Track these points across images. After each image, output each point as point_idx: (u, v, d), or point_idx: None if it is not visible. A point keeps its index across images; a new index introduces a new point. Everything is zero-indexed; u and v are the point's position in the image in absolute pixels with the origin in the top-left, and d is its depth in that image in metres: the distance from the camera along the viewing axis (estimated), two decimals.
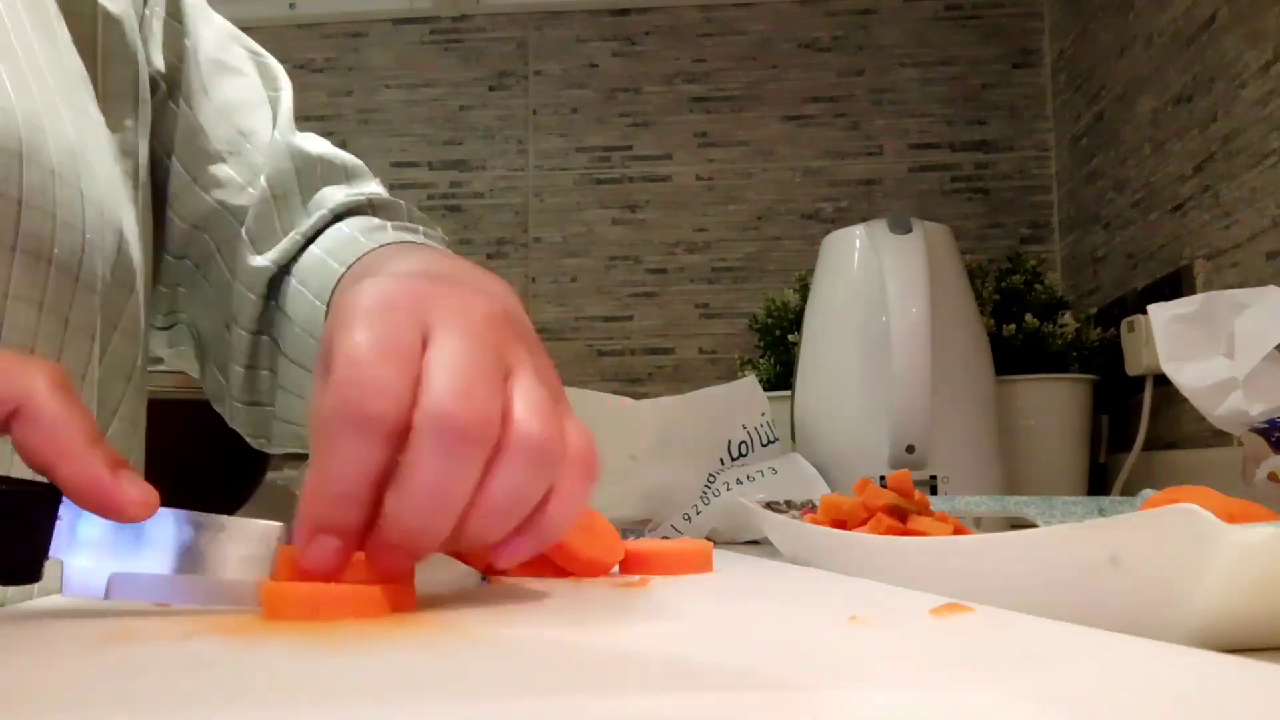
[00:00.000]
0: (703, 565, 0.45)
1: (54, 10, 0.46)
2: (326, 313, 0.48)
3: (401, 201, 0.60)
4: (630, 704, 0.19)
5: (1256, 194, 0.96)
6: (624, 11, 1.58)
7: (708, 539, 0.85)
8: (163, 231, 0.53)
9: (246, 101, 0.56)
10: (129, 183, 0.49)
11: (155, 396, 0.58)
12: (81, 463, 0.29)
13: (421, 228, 0.57)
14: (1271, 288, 0.64)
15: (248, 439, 0.59)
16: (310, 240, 0.54)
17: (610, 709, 0.19)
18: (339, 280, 0.48)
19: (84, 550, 0.30)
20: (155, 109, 0.52)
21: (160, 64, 0.53)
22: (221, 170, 0.54)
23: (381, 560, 0.30)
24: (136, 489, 0.29)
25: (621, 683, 0.21)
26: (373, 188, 0.60)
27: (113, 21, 0.49)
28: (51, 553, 0.29)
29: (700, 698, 0.19)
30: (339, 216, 0.55)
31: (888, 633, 0.27)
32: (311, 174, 0.56)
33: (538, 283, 1.56)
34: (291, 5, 1.60)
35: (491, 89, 1.59)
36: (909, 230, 0.94)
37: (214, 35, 0.57)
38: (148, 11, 0.53)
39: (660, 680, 0.21)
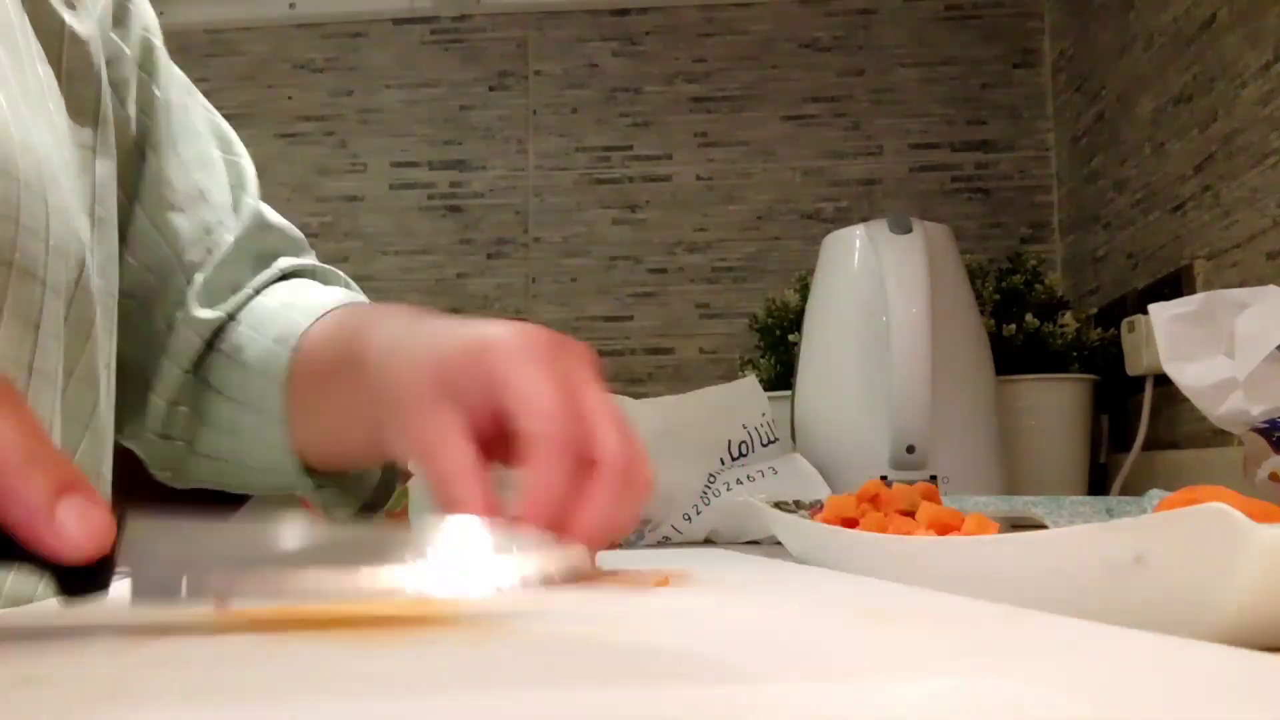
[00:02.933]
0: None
1: (18, 22, 0.46)
2: (289, 358, 0.52)
3: (340, 272, 0.64)
4: (668, 694, 0.19)
5: (1256, 194, 0.96)
6: (624, 11, 1.58)
7: (708, 539, 0.85)
8: (120, 267, 0.54)
9: (205, 160, 0.59)
10: (87, 197, 0.49)
11: None
12: (12, 489, 0.25)
13: (360, 296, 0.61)
14: (1272, 287, 0.64)
15: (151, 469, 0.60)
16: (257, 292, 0.58)
17: (651, 700, 0.19)
18: (307, 328, 0.53)
19: (153, 560, 0.27)
20: (125, 155, 0.54)
21: (131, 111, 0.55)
22: (180, 221, 0.56)
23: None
24: (76, 524, 0.25)
25: (656, 676, 0.21)
26: (313, 260, 0.64)
27: (78, 42, 0.50)
28: (121, 563, 0.27)
29: (740, 690, 0.19)
30: (285, 276, 0.60)
31: (910, 628, 0.27)
32: (269, 242, 0.61)
33: (538, 283, 1.55)
34: (291, 5, 1.60)
35: (492, 89, 1.59)
36: (909, 230, 0.94)
37: (177, 90, 0.59)
38: (129, 52, 0.54)
39: (695, 673, 0.22)
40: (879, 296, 0.93)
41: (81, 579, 0.26)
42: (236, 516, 0.30)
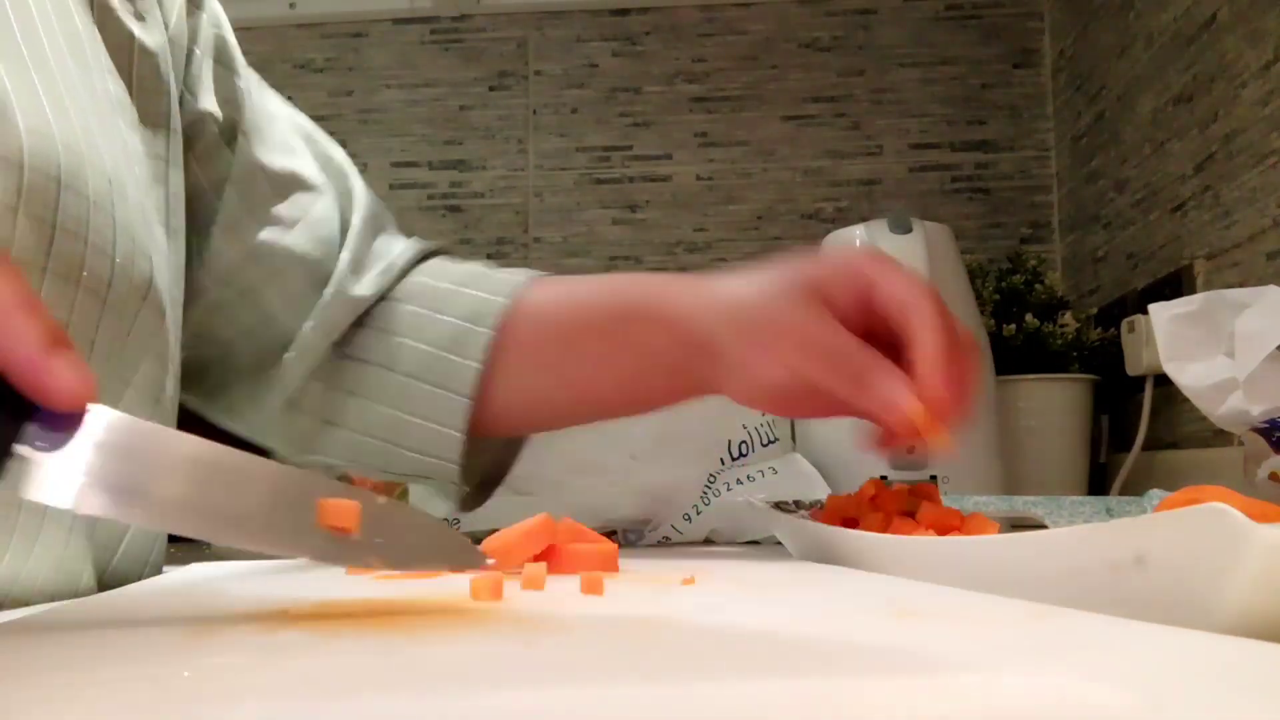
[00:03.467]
0: (607, 565, 0.45)
1: (86, 34, 0.47)
2: (489, 336, 0.56)
3: (449, 249, 0.68)
4: (728, 689, 0.19)
5: (1256, 194, 0.96)
6: (624, 11, 1.58)
7: (708, 539, 0.85)
8: (210, 259, 0.55)
9: (289, 145, 0.61)
10: (161, 210, 0.50)
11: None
12: (6, 332, 0.26)
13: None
14: (1272, 287, 0.64)
15: (280, 451, 0.61)
16: (403, 274, 0.60)
17: (705, 694, 0.19)
18: (506, 306, 0.57)
19: (55, 452, 0.27)
20: (207, 149, 0.55)
21: (213, 108, 0.55)
22: (279, 208, 0.57)
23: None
24: (70, 371, 0.26)
25: (709, 669, 0.21)
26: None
27: (147, 54, 0.50)
28: (17, 448, 0.26)
29: (796, 683, 0.20)
30: (423, 257, 0.63)
31: (940, 625, 0.27)
32: (382, 218, 0.65)
33: None
34: (291, 5, 1.60)
35: (491, 89, 1.59)
36: (909, 230, 0.94)
37: (254, 82, 0.61)
38: (198, 51, 0.55)
39: (749, 665, 0.22)
40: None
41: (46, 434, 0.26)
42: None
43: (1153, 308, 0.68)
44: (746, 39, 1.56)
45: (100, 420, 0.28)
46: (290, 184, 0.59)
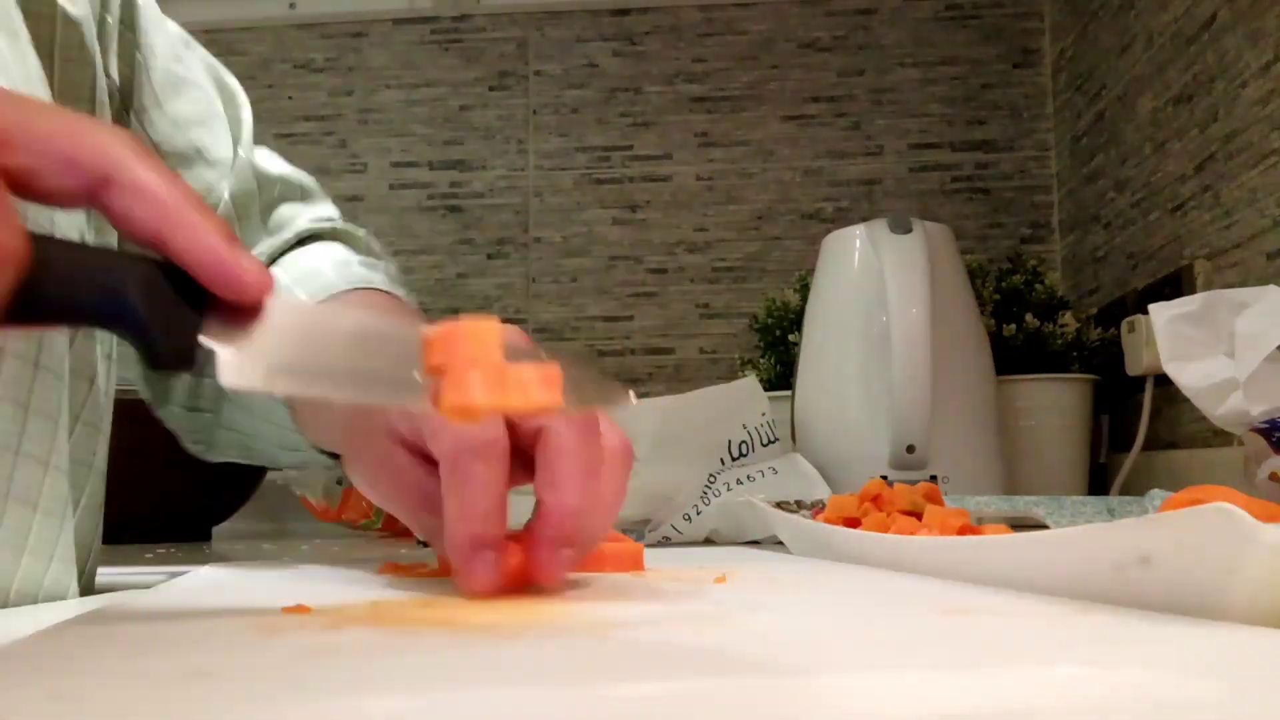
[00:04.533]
0: (633, 565, 0.45)
1: (15, 9, 0.45)
2: None
3: (361, 231, 0.62)
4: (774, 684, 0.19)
5: (1256, 194, 0.96)
6: (624, 11, 1.58)
7: (708, 539, 0.85)
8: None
9: (202, 116, 0.56)
10: None
11: (130, 397, 0.59)
12: (197, 232, 0.26)
13: (381, 261, 0.59)
14: (1272, 287, 0.64)
15: (185, 444, 0.60)
16: (272, 262, 0.56)
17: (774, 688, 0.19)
18: None
19: (236, 340, 0.27)
20: (111, 121, 0.52)
21: (114, 74, 0.52)
22: None
23: (549, 562, 0.34)
24: (254, 263, 0.27)
25: (763, 667, 0.22)
26: (329, 210, 0.62)
27: (71, 24, 0.48)
28: (203, 340, 0.27)
29: (853, 677, 0.20)
30: (302, 241, 0.57)
31: (991, 620, 0.27)
32: (270, 192, 0.58)
33: (538, 283, 1.55)
34: (291, 5, 1.60)
35: (491, 89, 1.59)
36: (909, 230, 0.94)
37: (167, 44, 0.56)
38: (109, 17, 0.52)
39: (799, 661, 0.22)
40: (879, 296, 0.93)
41: (170, 351, 0.27)
42: (239, 514, 0.31)
43: (1153, 308, 0.68)
44: (746, 39, 1.56)
45: (274, 306, 0.29)
46: (189, 160, 0.55)
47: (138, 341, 0.27)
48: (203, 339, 0.27)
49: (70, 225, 0.45)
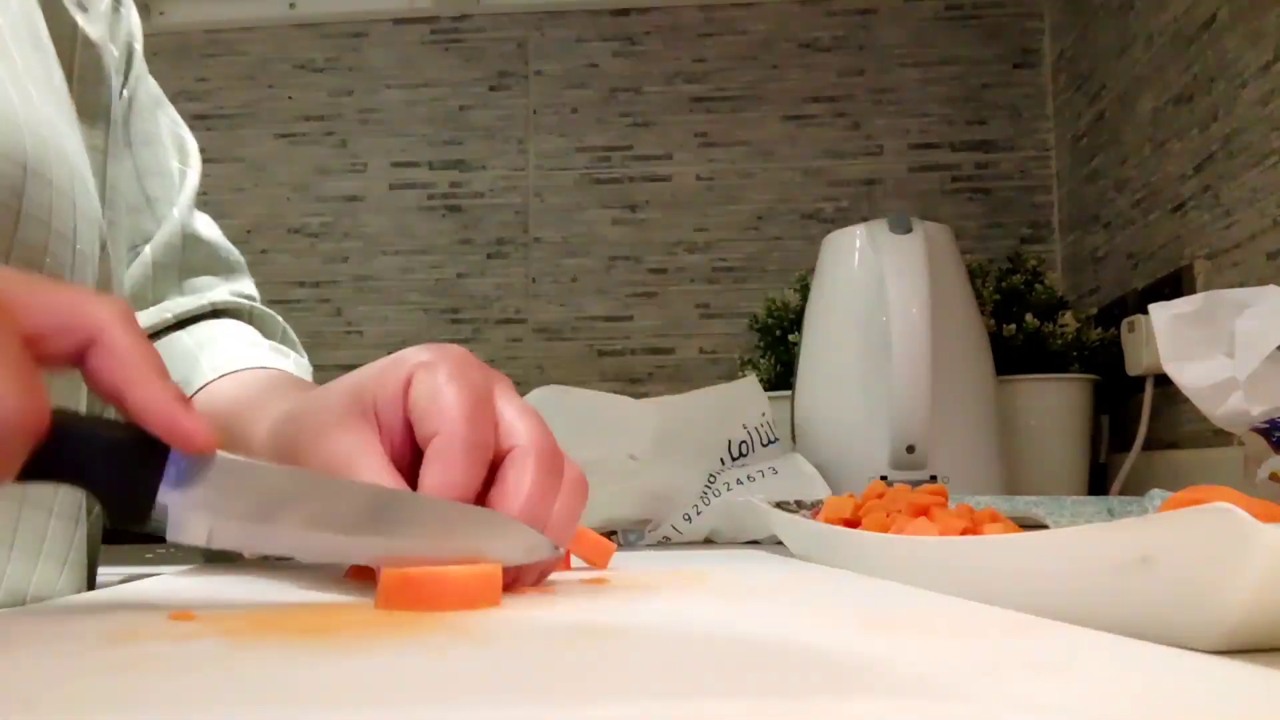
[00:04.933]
0: (598, 556, 0.45)
1: (43, 27, 0.46)
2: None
3: (278, 317, 0.63)
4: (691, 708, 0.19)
5: (1256, 194, 0.96)
6: (624, 11, 1.58)
7: (708, 539, 0.85)
8: None
9: (161, 171, 0.59)
10: (100, 200, 0.50)
11: None
12: (151, 390, 0.30)
13: (292, 353, 0.59)
14: (1272, 287, 0.64)
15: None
16: (180, 324, 0.57)
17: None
18: (205, 385, 0.52)
19: (190, 497, 0.31)
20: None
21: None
22: (122, 225, 0.56)
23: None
24: (200, 422, 0.30)
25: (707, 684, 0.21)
26: (249, 288, 0.63)
27: (90, 45, 0.50)
28: (159, 498, 0.31)
29: (721, 704, 0.19)
30: (217, 313, 0.59)
31: (898, 636, 0.27)
32: (195, 255, 0.60)
33: (538, 283, 1.55)
34: (291, 5, 1.60)
35: (491, 89, 1.59)
36: (909, 230, 0.94)
37: (147, 98, 0.59)
38: (115, 53, 0.54)
39: (689, 683, 0.22)
40: (879, 296, 0.93)
41: (124, 507, 0.30)
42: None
43: (1153, 308, 0.68)
44: (746, 39, 1.56)
45: (219, 463, 0.32)
46: (136, 209, 0.57)
47: (100, 501, 0.30)
48: (159, 498, 0.30)
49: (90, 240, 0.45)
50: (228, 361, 0.53)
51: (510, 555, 0.34)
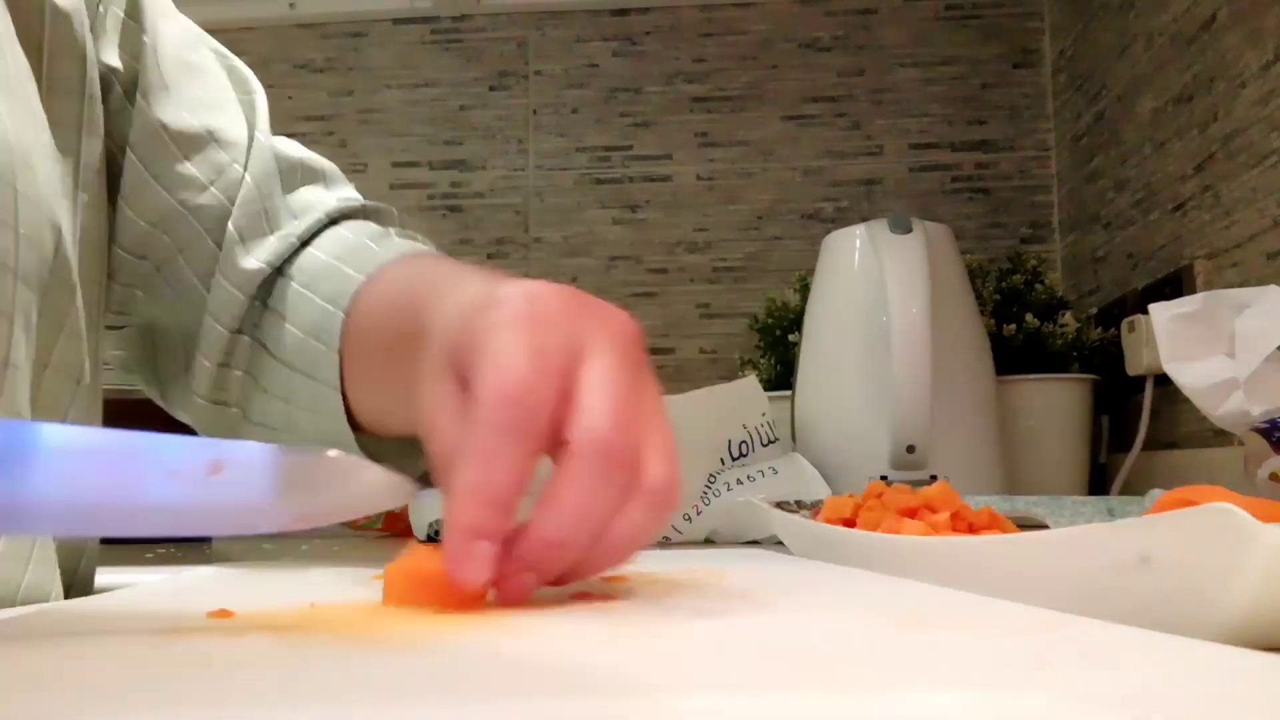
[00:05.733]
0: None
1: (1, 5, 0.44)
2: (342, 322, 0.49)
3: (393, 208, 0.59)
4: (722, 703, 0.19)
5: (1257, 194, 0.96)
6: (624, 11, 1.58)
7: (708, 539, 0.85)
8: (118, 230, 0.52)
9: (214, 101, 0.55)
10: (69, 180, 0.47)
11: (126, 396, 0.58)
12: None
13: (418, 236, 0.57)
14: (1272, 287, 0.64)
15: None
16: (305, 243, 0.53)
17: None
18: (359, 288, 0.49)
19: None
20: (111, 107, 0.51)
21: (116, 61, 0.51)
22: (185, 169, 0.52)
23: (510, 580, 0.31)
24: None
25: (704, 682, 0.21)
26: (352, 192, 0.59)
27: (61, 16, 0.47)
28: None
29: (765, 699, 0.19)
30: (334, 220, 0.55)
31: (936, 635, 0.27)
32: (293, 176, 0.56)
33: None
34: (291, 5, 1.60)
35: (491, 89, 1.59)
36: (909, 230, 0.94)
37: (178, 33, 0.56)
38: (101, 9, 0.51)
39: (701, 680, 0.21)
40: (879, 296, 0.93)
41: None
42: None
43: (1153, 308, 0.68)
44: (746, 39, 1.56)
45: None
46: (201, 141, 0.53)
47: None
48: None
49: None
50: (369, 262, 0.50)
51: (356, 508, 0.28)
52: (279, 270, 0.53)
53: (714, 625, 0.29)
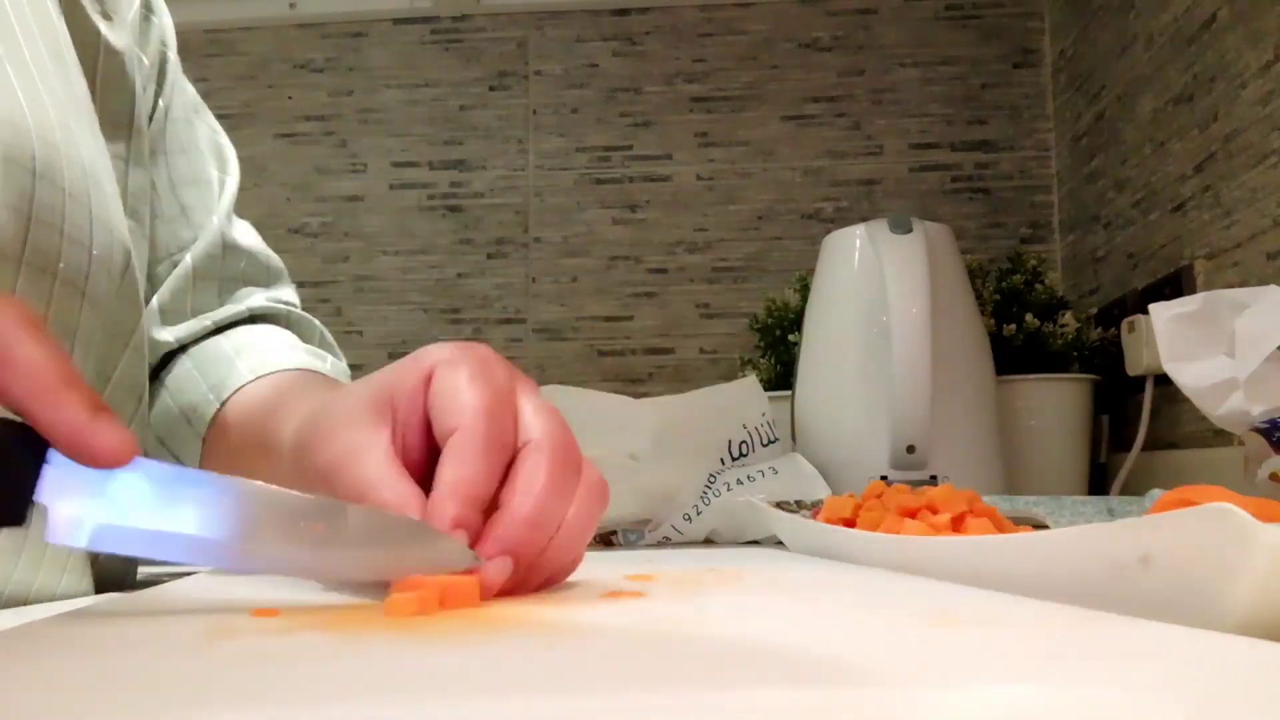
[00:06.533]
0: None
1: (63, 35, 0.47)
2: (216, 411, 0.52)
3: (316, 321, 0.62)
4: (747, 696, 0.19)
5: (1256, 194, 0.96)
6: (624, 11, 1.58)
7: (708, 539, 0.85)
8: None
9: (199, 179, 0.59)
10: (122, 207, 0.50)
11: None
12: (56, 404, 0.27)
13: (330, 356, 0.59)
14: (1272, 287, 0.64)
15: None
16: (218, 330, 0.57)
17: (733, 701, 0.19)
18: (239, 388, 0.52)
19: (71, 498, 0.29)
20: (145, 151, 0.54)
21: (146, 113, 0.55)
22: (158, 232, 0.56)
23: (488, 567, 0.33)
24: (113, 434, 0.28)
25: (743, 676, 0.21)
26: (290, 295, 0.63)
27: (113, 54, 0.50)
28: (37, 498, 0.28)
29: (807, 693, 0.19)
30: (255, 318, 0.59)
31: (974, 631, 0.27)
32: (235, 265, 0.60)
33: (538, 283, 1.55)
34: (291, 5, 1.60)
35: (491, 89, 1.59)
36: (909, 230, 0.94)
37: (184, 106, 0.59)
38: (146, 62, 0.55)
39: (767, 674, 0.21)
40: (879, 296, 0.93)
41: (14, 513, 0.28)
42: None
43: (1153, 308, 0.68)
44: (746, 39, 1.56)
45: (138, 467, 0.30)
46: (174, 218, 0.57)
47: None
48: (38, 497, 0.28)
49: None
50: (263, 364, 0.53)
51: (429, 566, 0.32)
52: (183, 347, 0.56)
53: (749, 622, 0.29)
